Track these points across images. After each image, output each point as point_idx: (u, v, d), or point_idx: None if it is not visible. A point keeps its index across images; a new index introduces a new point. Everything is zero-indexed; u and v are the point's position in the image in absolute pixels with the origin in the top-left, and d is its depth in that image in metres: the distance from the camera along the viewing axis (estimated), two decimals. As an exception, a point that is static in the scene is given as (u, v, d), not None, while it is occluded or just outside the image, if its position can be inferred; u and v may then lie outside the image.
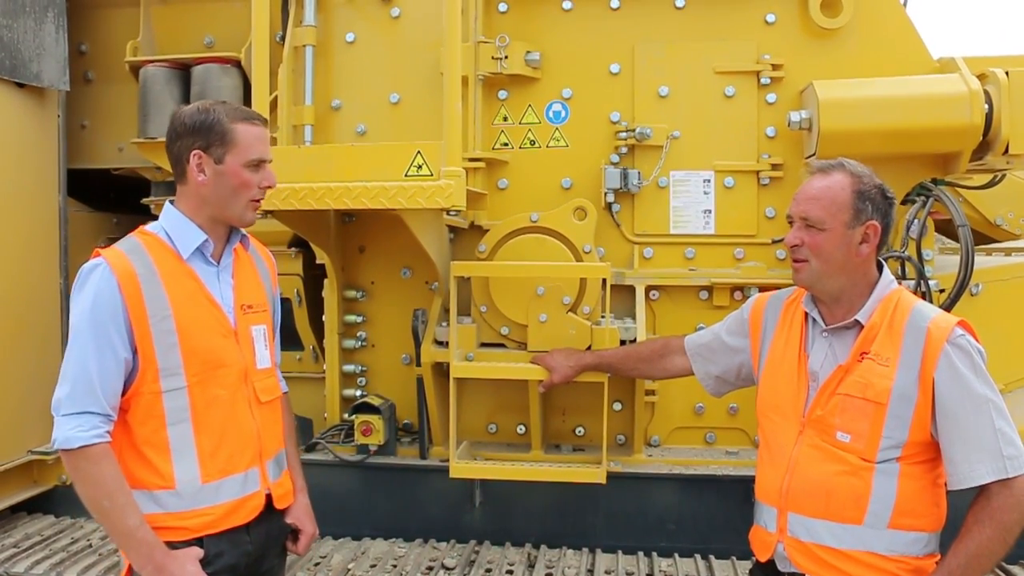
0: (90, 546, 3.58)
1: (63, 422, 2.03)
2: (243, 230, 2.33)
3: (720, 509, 3.50)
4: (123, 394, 2.08)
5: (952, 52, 3.54)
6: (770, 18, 3.65)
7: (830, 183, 2.20)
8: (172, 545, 2.08)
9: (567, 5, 3.72)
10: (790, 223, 2.27)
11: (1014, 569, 3.25)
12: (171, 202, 2.23)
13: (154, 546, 2.04)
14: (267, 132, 2.24)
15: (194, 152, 2.14)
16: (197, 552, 2.10)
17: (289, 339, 4.26)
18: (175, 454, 2.10)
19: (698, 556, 3.46)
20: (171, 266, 2.14)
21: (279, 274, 4.12)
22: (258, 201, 2.23)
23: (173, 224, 2.19)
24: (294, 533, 2.40)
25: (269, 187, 2.23)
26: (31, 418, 3.81)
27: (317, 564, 3.41)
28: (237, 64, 4.15)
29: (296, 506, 2.41)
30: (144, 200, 4.49)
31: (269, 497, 2.27)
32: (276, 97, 3.63)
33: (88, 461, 2.02)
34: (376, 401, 3.66)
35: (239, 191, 2.17)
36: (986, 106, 3.28)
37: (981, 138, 3.31)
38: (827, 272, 2.20)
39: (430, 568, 3.38)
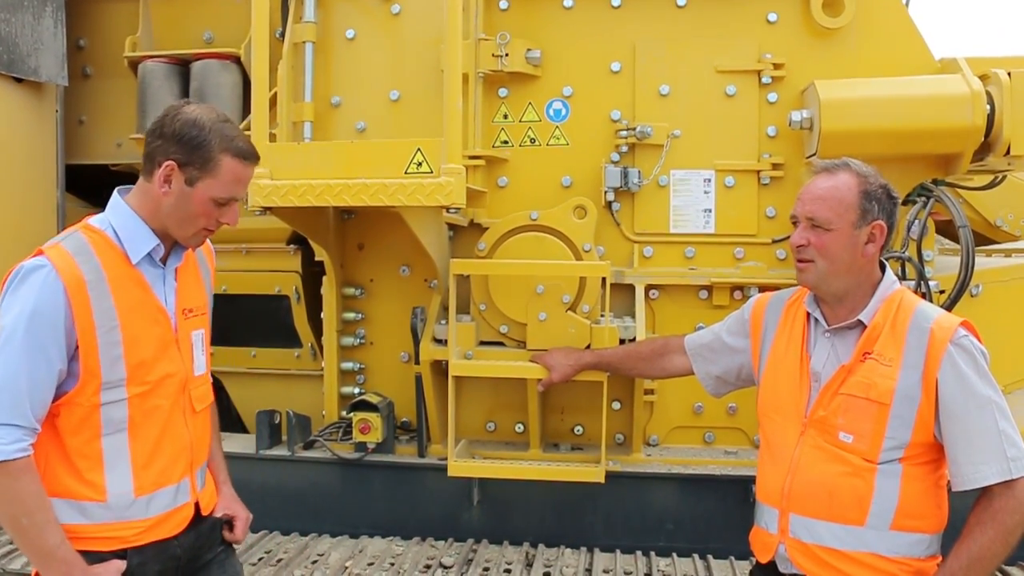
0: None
1: None
2: None
3: (719, 509, 3.50)
4: (54, 401, 1.94)
5: (954, 52, 3.54)
6: (772, 17, 3.64)
7: (836, 183, 2.19)
8: (97, 555, 1.99)
9: (568, 3, 3.71)
10: (794, 223, 2.26)
11: (1013, 571, 3.25)
12: (120, 192, 2.08)
13: (74, 564, 1.93)
14: (253, 172, 2.10)
15: (168, 162, 1.99)
16: (119, 565, 2.00)
17: (287, 336, 4.26)
18: (108, 465, 2.00)
19: (696, 556, 3.45)
20: (119, 271, 2.00)
21: (279, 271, 4.21)
22: (211, 231, 2.09)
23: (124, 223, 2.04)
24: (228, 522, 2.33)
25: (226, 223, 2.08)
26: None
27: (315, 562, 3.40)
28: (236, 60, 4.15)
29: (222, 497, 2.34)
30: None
31: (197, 505, 2.20)
32: (276, 93, 3.62)
33: (7, 476, 1.87)
34: (374, 399, 3.65)
35: (195, 219, 2.03)
36: (988, 107, 3.29)
37: (982, 139, 3.31)
38: (833, 272, 2.19)
39: (428, 566, 3.37)
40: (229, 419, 4.27)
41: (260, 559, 3.42)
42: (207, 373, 2.26)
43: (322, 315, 3.85)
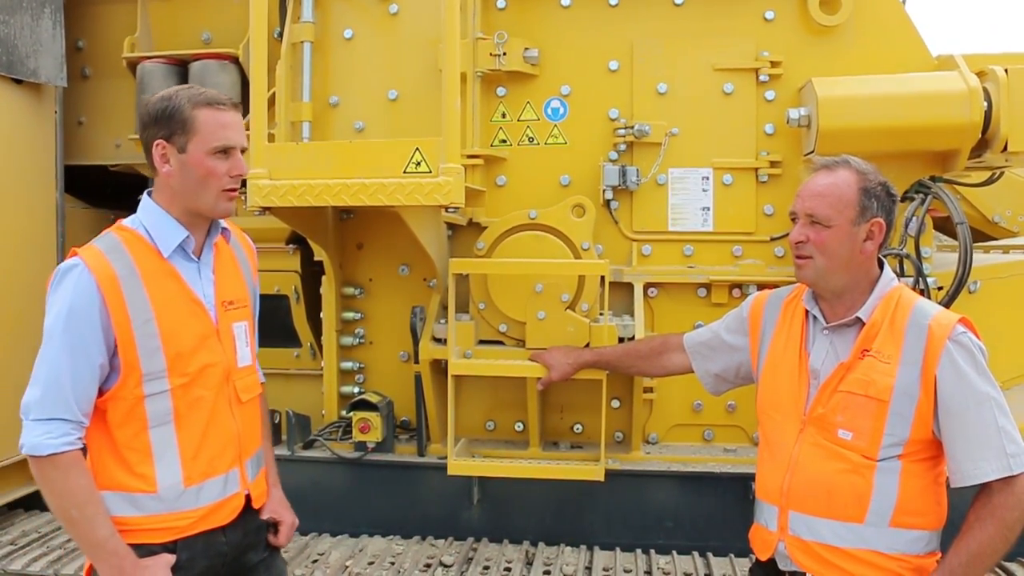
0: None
1: (32, 427, 1.96)
2: (223, 222, 2.23)
3: (718, 506, 3.51)
4: (100, 396, 2.01)
5: (951, 49, 3.54)
6: (769, 15, 3.64)
7: (836, 180, 2.19)
8: (147, 548, 2.03)
9: (566, 2, 3.71)
10: (793, 220, 2.26)
11: (1012, 567, 3.26)
12: (149, 193, 2.15)
13: (124, 557, 1.98)
14: (235, 116, 2.11)
15: (156, 142, 2.05)
16: (168, 559, 2.04)
17: (287, 336, 4.26)
18: (157, 457, 2.04)
19: (696, 553, 3.46)
20: (152, 265, 2.06)
21: (278, 271, 4.21)
22: (231, 191, 2.10)
23: (152, 219, 2.10)
24: (273, 526, 2.35)
25: (239, 175, 2.10)
26: (28, 415, 3.79)
27: (315, 561, 3.41)
28: (235, 60, 4.15)
29: (271, 500, 2.35)
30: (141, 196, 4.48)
31: (248, 497, 2.22)
32: (274, 93, 3.62)
33: (57, 469, 1.95)
34: (374, 398, 3.65)
35: (206, 181, 2.05)
36: (985, 104, 3.28)
37: (980, 136, 3.31)
38: (831, 269, 2.19)
39: (428, 565, 3.37)
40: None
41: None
42: (253, 364, 2.29)
43: (321, 315, 3.85)
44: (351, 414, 3.62)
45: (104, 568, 1.99)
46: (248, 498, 2.22)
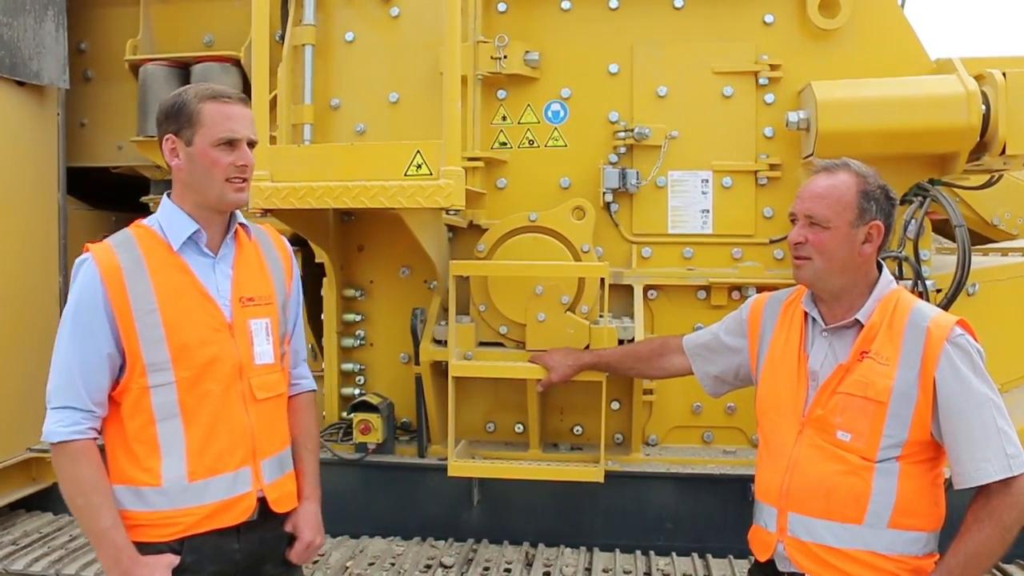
0: (89, 543, 3.58)
1: (49, 415, 2.04)
2: (242, 217, 2.25)
3: (717, 508, 3.51)
4: (114, 388, 2.06)
5: (949, 53, 3.55)
6: (768, 19, 3.66)
7: (835, 182, 2.21)
8: (154, 546, 2.04)
9: (566, 5, 3.73)
10: (792, 221, 2.27)
11: (1011, 568, 3.26)
12: (168, 194, 2.20)
13: (123, 549, 2.00)
14: (242, 109, 2.15)
15: (166, 137, 2.12)
16: (170, 560, 2.04)
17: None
18: (164, 450, 2.06)
19: (695, 555, 3.47)
20: (161, 258, 2.10)
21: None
22: (237, 181, 2.13)
23: (165, 215, 2.15)
24: (293, 541, 2.29)
25: (245, 166, 2.13)
26: (30, 416, 3.80)
27: (315, 562, 3.41)
28: (236, 63, 4.16)
29: (296, 512, 2.29)
30: (143, 198, 4.50)
31: (264, 501, 2.18)
32: (276, 96, 3.64)
33: (66, 457, 2.02)
34: (375, 400, 3.66)
35: (211, 171, 2.09)
36: (983, 107, 3.29)
37: (978, 139, 3.33)
38: (829, 270, 2.20)
39: (428, 566, 3.38)
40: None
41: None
42: (275, 363, 2.26)
43: (322, 316, 3.86)
44: (352, 415, 3.62)
45: (103, 559, 2.03)
46: (265, 501, 2.18)
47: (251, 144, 2.16)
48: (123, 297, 2.03)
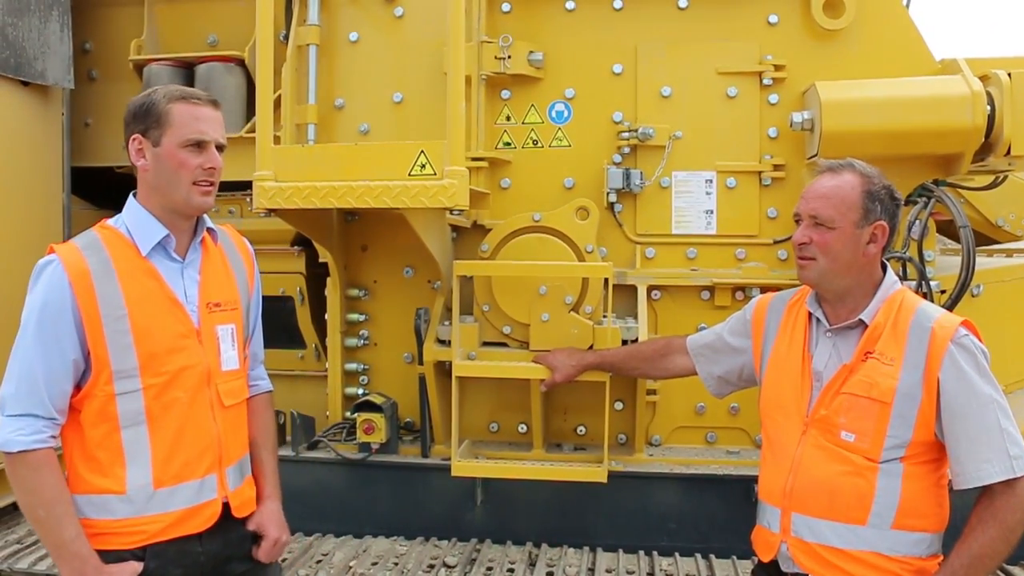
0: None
1: (5, 423, 1.95)
2: (209, 221, 2.22)
3: (721, 509, 3.51)
4: (75, 395, 2.00)
5: (954, 53, 3.54)
6: (772, 19, 3.65)
7: (840, 182, 2.21)
8: (116, 554, 2.01)
9: (570, 5, 3.73)
10: (797, 221, 2.27)
11: (1015, 570, 3.25)
12: (134, 194, 2.16)
13: (87, 559, 1.96)
14: (212, 112, 2.12)
15: (133, 137, 2.08)
16: (134, 568, 2.00)
17: (291, 337, 4.27)
18: (128, 458, 2.01)
19: (699, 555, 3.46)
20: (129, 263, 2.05)
21: (283, 273, 4.22)
22: (204, 184, 2.09)
23: (133, 218, 2.11)
24: (258, 539, 2.27)
25: (212, 168, 2.09)
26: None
27: (319, 562, 3.42)
28: (241, 63, 4.17)
29: (259, 511, 2.28)
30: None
31: (227, 506, 2.16)
32: (280, 96, 3.64)
33: (27, 467, 1.95)
34: (378, 399, 3.67)
35: (177, 173, 2.05)
36: (988, 107, 3.29)
37: (983, 139, 3.32)
38: (834, 271, 2.20)
39: (431, 566, 3.38)
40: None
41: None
42: (240, 369, 2.24)
43: (326, 316, 3.86)
44: (355, 415, 3.62)
45: (66, 570, 1.97)
46: (227, 507, 2.17)
47: (220, 148, 2.13)
48: (92, 301, 1.97)
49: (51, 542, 1.98)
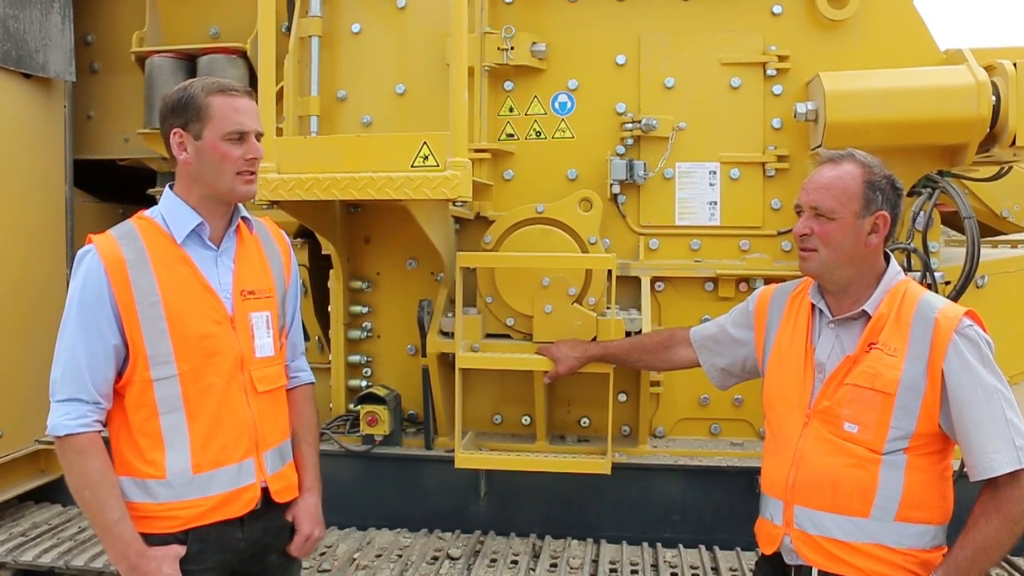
0: (97, 535, 3.59)
1: (54, 408, 2.04)
2: (245, 211, 2.27)
3: (724, 500, 3.51)
4: (118, 381, 2.07)
5: (959, 43, 3.52)
6: (776, 9, 3.64)
7: (841, 173, 2.20)
8: (160, 537, 2.06)
9: (573, -4, 3.71)
10: (798, 213, 2.26)
11: (1019, 561, 3.25)
12: (170, 186, 2.21)
13: (130, 543, 2.02)
14: (249, 102, 2.17)
15: (173, 131, 2.12)
16: (177, 551, 2.06)
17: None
18: (167, 443, 2.07)
19: (702, 547, 3.47)
20: (164, 251, 2.11)
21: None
22: (247, 173, 2.15)
23: (169, 208, 2.16)
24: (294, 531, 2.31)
25: (255, 159, 2.15)
26: (39, 408, 3.76)
27: (323, 553, 3.43)
28: (243, 55, 4.15)
29: (297, 504, 2.32)
30: (150, 191, 4.50)
31: (267, 491, 2.21)
32: (282, 88, 3.63)
33: (73, 451, 2.02)
34: (382, 391, 3.67)
35: (221, 165, 2.11)
36: (993, 98, 3.27)
37: (988, 130, 3.30)
38: (836, 262, 2.19)
39: (435, 558, 3.39)
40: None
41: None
42: (276, 355, 2.28)
43: (329, 308, 3.86)
44: (359, 407, 3.63)
45: (111, 552, 2.05)
46: (268, 492, 2.21)
47: (258, 136, 2.18)
48: (127, 288, 2.04)
49: (97, 523, 2.05)
